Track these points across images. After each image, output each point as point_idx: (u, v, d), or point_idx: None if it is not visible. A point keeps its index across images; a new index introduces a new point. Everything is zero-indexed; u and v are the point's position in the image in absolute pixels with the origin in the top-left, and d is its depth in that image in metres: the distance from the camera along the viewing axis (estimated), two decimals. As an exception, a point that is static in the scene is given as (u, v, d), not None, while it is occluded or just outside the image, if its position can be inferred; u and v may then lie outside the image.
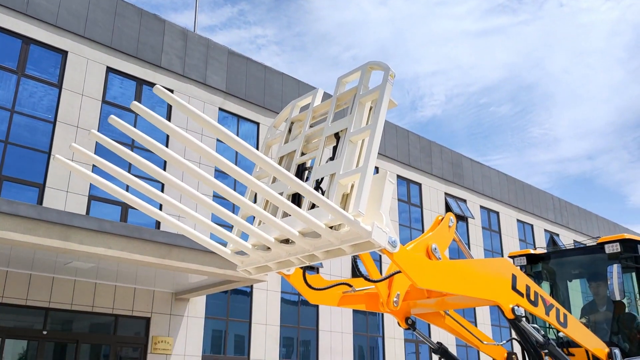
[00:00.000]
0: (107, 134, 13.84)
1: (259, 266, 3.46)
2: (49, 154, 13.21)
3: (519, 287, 4.27)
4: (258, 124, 17.69)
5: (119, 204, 13.97)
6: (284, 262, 3.28)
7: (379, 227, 2.77)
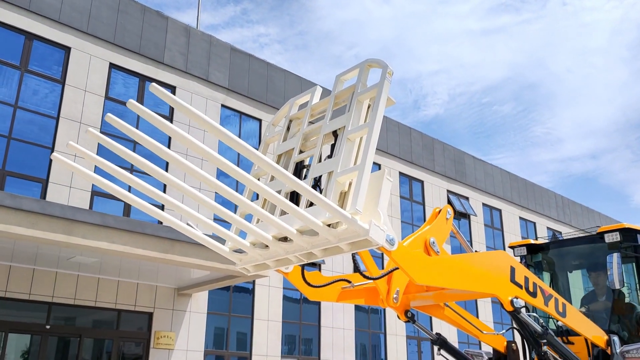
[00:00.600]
0: (110, 130, 13.90)
1: (257, 264, 3.45)
2: (52, 149, 13.27)
3: (517, 279, 4.27)
4: (260, 120, 17.72)
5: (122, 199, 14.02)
6: (282, 260, 3.28)
7: (376, 225, 2.76)
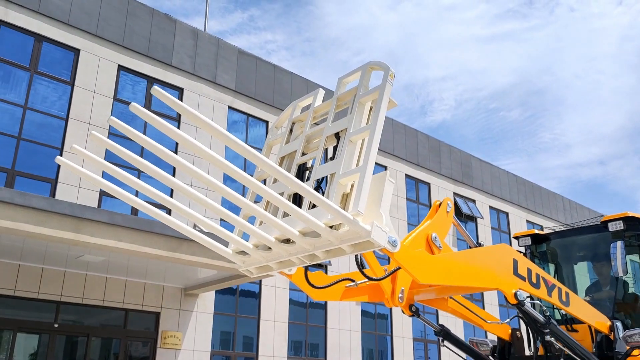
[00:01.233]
0: (118, 132, 14.01)
1: (260, 266, 3.47)
2: (61, 150, 13.39)
3: (520, 271, 4.28)
4: (267, 122, 17.81)
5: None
6: (285, 262, 3.29)
7: (378, 227, 2.75)
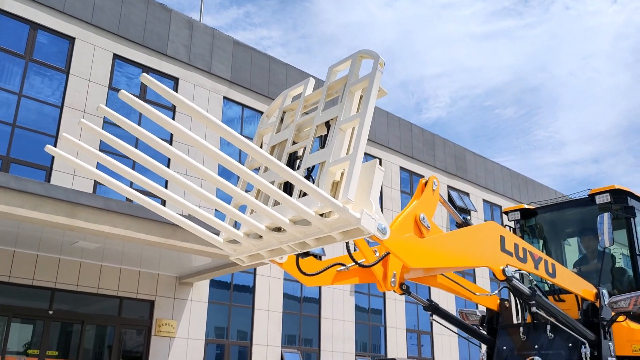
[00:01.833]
0: (111, 120, 14.06)
1: (252, 254, 3.50)
2: (55, 138, 13.40)
3: (507, 247, 4.36)
4: (262, 112, 17.85)
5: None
6: (275, 250, 3.32)
7: (368, 214, 2.78)
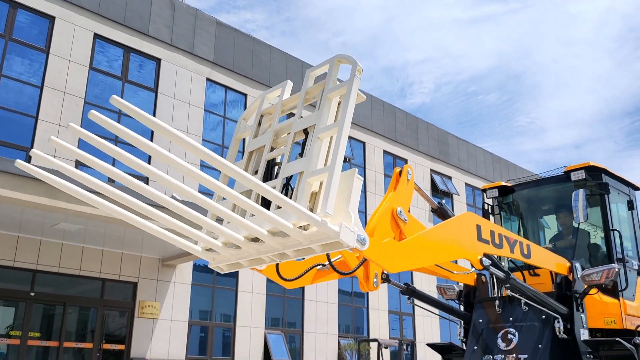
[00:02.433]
0: (94, 102, 13.93)
1: (231, 263, 3.46)
2: (36, 118, 13.25)
3: (484, 235, 4.39)
4: (246, 95, 17.77)
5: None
6: (255, 260, 3.28)
7: (347, 227, 2.74)
